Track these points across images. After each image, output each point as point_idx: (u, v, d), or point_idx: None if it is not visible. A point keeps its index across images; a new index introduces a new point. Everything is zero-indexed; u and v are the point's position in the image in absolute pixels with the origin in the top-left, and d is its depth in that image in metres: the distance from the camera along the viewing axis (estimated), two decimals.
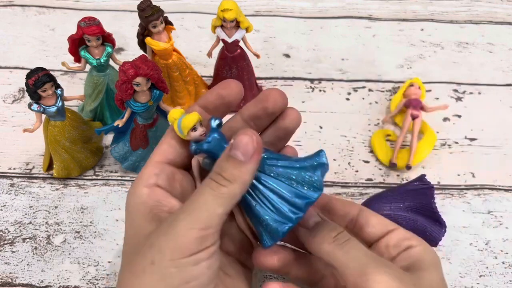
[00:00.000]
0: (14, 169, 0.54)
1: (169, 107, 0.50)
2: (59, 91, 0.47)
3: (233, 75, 0.56)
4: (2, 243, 0.48)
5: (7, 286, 0.45)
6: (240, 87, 0.37)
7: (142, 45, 0.53)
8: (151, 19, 0.50)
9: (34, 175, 0.53)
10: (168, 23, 0.53)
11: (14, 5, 0.71)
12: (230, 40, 0.53)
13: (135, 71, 0.43)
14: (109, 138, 0.55)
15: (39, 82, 0.45)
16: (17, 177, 0.53)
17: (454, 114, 0.59)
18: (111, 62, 0.53)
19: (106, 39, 0.51)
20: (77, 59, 0.52)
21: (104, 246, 0.48)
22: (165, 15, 0.52)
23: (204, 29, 0.69)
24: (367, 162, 0.55)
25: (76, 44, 0.51)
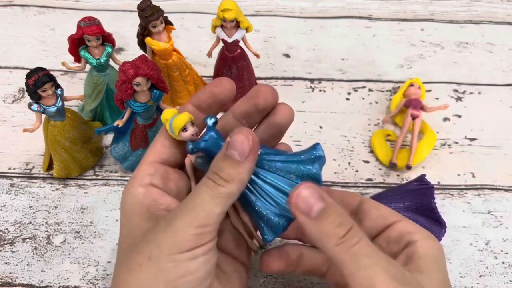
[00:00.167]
0: (14, 169, 0.54)
1: (169, 107, 0.50)
2: (59, 91, 0.47)
3: (233, 75, 0.56)
4: (2, 243, 0.48)
5: (7, 286, 0.45)
6: (233, 85, 0.37)
7: (142, 45, 0.53)
8: (151, 19, 0.50)
9: (34, 175, 0.53)
10: (168, 23, 0.53)
11: (14, 5, 0.71)
12: (230, 40, 0.53)
13: (135, 71, 0.43)
14: (109, 138, 0.55)
15: (39, 82, 0.45)
16: (17, 177, 0.53)
17: (454, 114, 0.59)
18: (111, 62, 0.53)
19: (106, 39, 0.51)
20: (77, 59, 0.52)
21: (104, 246, 0.48)
22: (165, 15, 0.52)
23: (204, 29, 0.69)
24: (367, 162, 0.55)
25: (76, 44, 0.51)
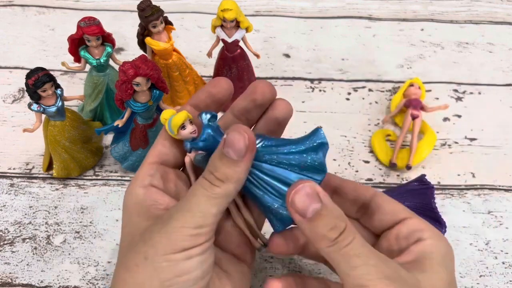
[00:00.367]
0: (14, 169, 0.54)
1: (169, 107, 0.50)
2: (59, 91, 0.47)
3: (233, 75, 0.56)
4: (2, 243, 0.48)
5: (7, 286, 0.45)
6: (230, 84, 0.37)
7: (142, 45, 0.53)
8: (151, 19, 0.50)
9: (34, 175, 0.53)
10: (168, 23, 0.53)
11: (14, 5, 0.71)
12: (230, 40, 0.53)
13: (135, 71, 0.43)
14: (109, 138, 0.55)
15: (39, 82, 0.45)
16: (17, 177, 0.53)
17: (454, 114, 0.59)
18: (111, 62, 0.53)
19: (106, 39, 0.51)
20: (77, 59, 0.52)
21: (104, 246, 0.48)
22: (165, 15, 0.52)
23: (204, 29, 0.69)
24: (367, 162, 0.55)
25: (76, 44, 0.51)
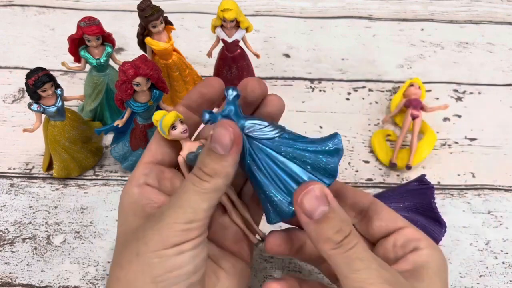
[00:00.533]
0: (14, 169, 0.54)
1: (169, 107, 0.50)
2: (59, 91, 0.47)
3: (233, 75, 0.56)
4: (2, 243, 0.48)
5: (7, 286, 0.45)
6: (221, 84, 0.37)
7: (142, 45, 0.53)
8: (151, 19, 0.50)
9: (34, 175, 0.53)
10: (168, 23, 0.53)
11: (14, 5, 0.71)
12: (230, 40, 0.53)
13: (135, 71, 0.43)
14: (109, 138, 0.55)
15: (39, 82, 0.45)
16: (17, 177, 0.53)
17: (454, 114, 0.59)
18: (111, 62, 0.53)
19: (106, 39, 0.51)
20: (77, 59, 0.52)
21: (104, 246, 0.48)
22: (165, 15, 0.52)
23: (204, 29, 0.69)
24: (367, 162, 0.55)
25: (76, 44, 0.51)
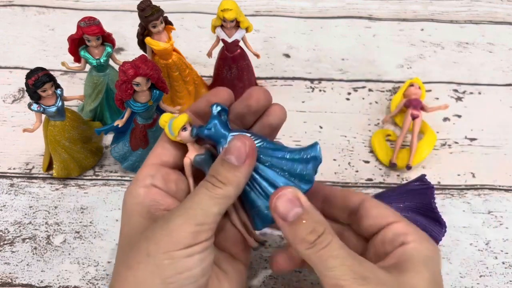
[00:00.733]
0: (14, 169, 0.54)
1: (169, 107, 0.50)
2: (59, 91, 0.47)
3: (233, 75, 0.56)
4: (2, 243, 0.48)
5: (7, 286, 0.45)
6: (230, 94, 0.39)
7: (142, 45, 0.53)
8: (151, 19, 0.50)
9: (34, 175, 0.53)
10: (168, 23, 0.53)
11: (14, 5, 0.71)
12: (230, 40, 0.53)
13: (135, 71, 0.43)
14: (109, 138, 0.55)
15: (39, 82, 0.45)
16: (17, 177, 0.53)
17: (454, 114, 0.59)
18: (111, 62, 0.53)
19: (106, 39, 0.51)
20: (77, 59, 0.52)
21: (104, 246, 0.48)
22: (165, 15, 0.52)
23: (204, 29, 0.69)
24: (367, 162, 0.55)
25: (76, 44, 0.51)
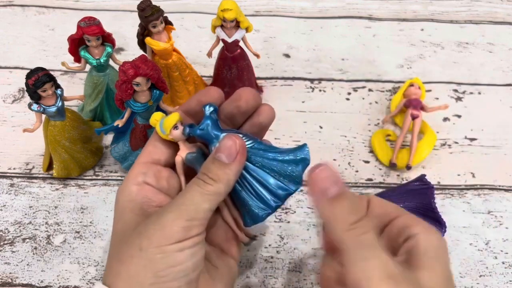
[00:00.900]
0: (14, 169, 0.54)
1: (169, 107, 0.50)
2: (59, 91, 0.47)
3: (233, 75, 0.56)
4: (2, 243, 0.48)
5: (7, 286, 0.45)
6: (220, 94, 0.40)
7: (142, 45, 0.53)
8: (151, 19, 0.50)
9: (34, 175, 0.53)
10: (168, 23, 0.53)
11: (14, 5, 0.71)
12: (230, 40, 0.53)
13: (135, 71, 0.43)
14: (109, 138, 0.55)
15: (39, 82, 0.45)
16: (17, 177, 0.53)
17: (454, 114, 0.59)
18: (111, 62, 0.53)
19: (106, 39, 0.51)
20: (77, 59, 0.52)
21: (104, 246, 0.48)
22: (165, 15, 0.52)
23: (204, 29, 0.69)
24: (367, 162, 0.55)
25: (76, 44, 0.51)
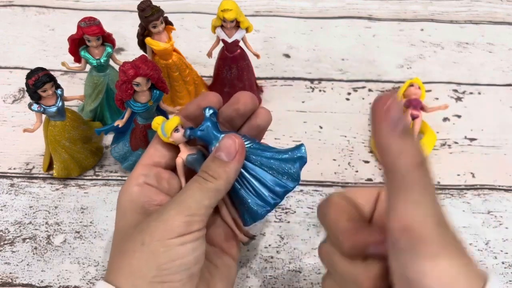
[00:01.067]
0: (14, 169, 0.54)
1: (169, 107, 0.50)
2: (59, 91, 0.47)
3: (233, 75, 0.56)
4: (2, 243, 0.48)
5: (7, 286, 0.45)
6: (219, 98, 0.41)
7: (142, 45, 0.54)
8: (151, 19, 0.50)
9: (34, 175, 0.53)
10: (168, 23, 0.53)
11: (14, 5, 0.71)
12: (230, 40, 0.53)
13: (135, 71, 0.43)
14: (109, 138, 0.55)
15: (39, 82, 0.45)
16: (17, 177, 0.53)
17: (454, 114, 0.59)
18: (111, 62, 0.53)
19: (106, 39, 0.51)
20: (77, 59, 0.52)
21: (104, 246, 0.48)
22: (165, 15, 0.52)
23: (204, 29, 0.69)
24: (367, 162, 0.55)
25: (76, 44, 0.51)
